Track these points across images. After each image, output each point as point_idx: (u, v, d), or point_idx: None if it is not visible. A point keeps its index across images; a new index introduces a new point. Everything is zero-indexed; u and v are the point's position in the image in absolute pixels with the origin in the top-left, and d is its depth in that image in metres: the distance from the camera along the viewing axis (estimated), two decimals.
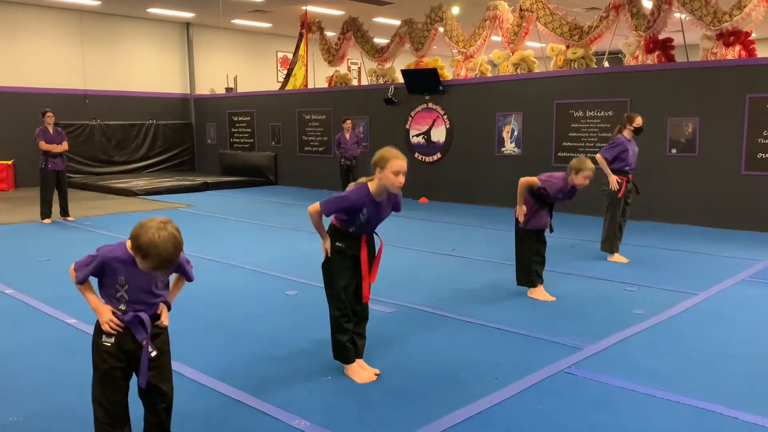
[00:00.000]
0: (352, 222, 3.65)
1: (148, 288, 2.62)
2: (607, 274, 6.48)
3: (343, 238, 3.73)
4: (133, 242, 2.47)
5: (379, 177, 3.53)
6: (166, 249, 2.44)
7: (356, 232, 3.71)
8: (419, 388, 3.68)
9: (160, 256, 2.43)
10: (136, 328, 2.60)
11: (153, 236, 2.42)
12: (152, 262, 2.46)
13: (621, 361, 4.09)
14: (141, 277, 2.58)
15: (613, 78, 10.44)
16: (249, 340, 4.52)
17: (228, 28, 18.88)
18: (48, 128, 9.90)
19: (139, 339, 2.60)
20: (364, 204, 3.57)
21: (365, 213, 3.60)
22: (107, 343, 2.59)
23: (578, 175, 5.37)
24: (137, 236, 2.45)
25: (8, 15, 15.18)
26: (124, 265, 2.56)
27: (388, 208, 3.71)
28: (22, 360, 4.12)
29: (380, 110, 13.51)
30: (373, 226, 3.76)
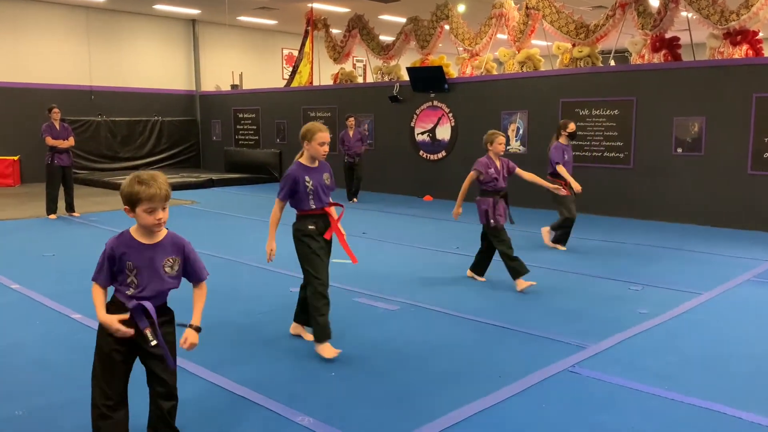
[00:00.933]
0: (305, 197, 4.12)
1: (156, 272, 2.64)
2: (611, 273, 6.47)
3: (312, 219, 4.15)
4: (124, 196, 2.58)
5: (307, 148, 4.18)
6: (149, 176, 2.56)
7: (317, 205, 4.14)
8: (423, 386, 3.68)
9: (146, 183, 2.54)
10: (139, 316, 2.62)
11: (133, 177, 2.58)
12: (145, 192, 2.53)
13: (624, 360, 4.09)
14: (150, 259, 2.63)
15: (619, 77, 10.41)
16: (252, 337, 4.53)
17: (234, 25, 18.89)
18: (54, 124, 9.94)
19: (141, 327, 2.63)
20: (300, 173, 4.12)
21: (308, 180, 4.11)
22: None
23: (493, 144, 5.98)
24: (123, 188, 2.59)
25: (15, 11, 15.23)
26: (130, 249, 2.62)
27: (324, 173, 4.22)
28: (27, 354, 4.15)
29: (385, 108, 13.50)
30: (326, 193, 4.20)
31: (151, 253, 2.63)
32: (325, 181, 4.23)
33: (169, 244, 2.69)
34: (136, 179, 2.56)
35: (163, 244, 2.67)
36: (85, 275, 3.94)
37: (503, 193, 6.01)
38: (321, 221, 4.19)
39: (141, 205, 2.55)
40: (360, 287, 5.85)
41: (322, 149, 4.14)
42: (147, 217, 2.58)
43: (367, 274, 6.45)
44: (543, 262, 6.94)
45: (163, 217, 2.61)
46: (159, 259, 2.65)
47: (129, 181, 2.58)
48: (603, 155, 10.46)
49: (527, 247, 7.89)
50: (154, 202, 2.55)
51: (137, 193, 2.54)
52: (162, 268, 2.65)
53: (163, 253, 2.66)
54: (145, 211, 2.57)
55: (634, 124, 10.09)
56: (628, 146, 10.18)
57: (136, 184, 2.54)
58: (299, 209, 4.19)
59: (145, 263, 2.62)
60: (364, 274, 6.45)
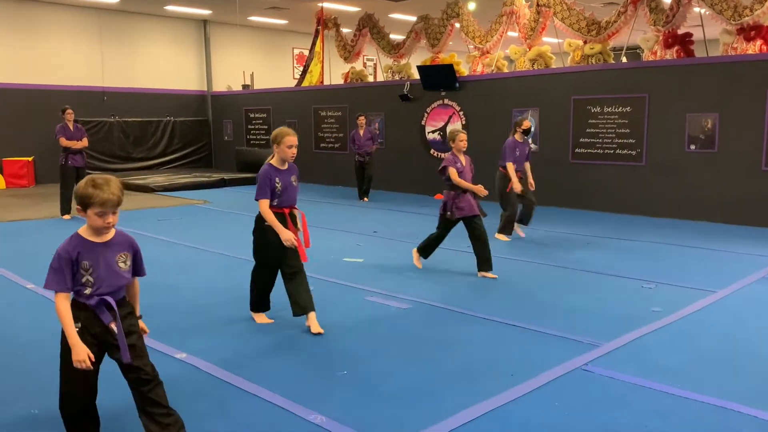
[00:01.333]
0: (275, 195, 4.51)
1: (111, 268, 2.75)
2: (624, 271, 6.44)
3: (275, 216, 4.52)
4: (78, 197, 2.69)
5: (277, 151, 4.56)
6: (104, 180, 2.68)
7: (281, 204, 4.55)
8: (435, 384, 3.69)
9: (100, 188, 2.65)
10: (102, 312, 2.72)
11: (88, 179, 2.70)
12: (98, 196, 2.63)
13: (638, 358, 4.07)
14: (102, 257, 2.73)
15: (631, 73, 10.34)
16: (265, 335, 4.55)
17: (244, 25, 18.95)
18: (68, 125, 10.02)
19: (105, 321, 2.72)
20: (271, 174, 4.51)
21: (278, 182, 4.50)
22: (75, 327, 2.68)
23: (455, 142, 6.29)
24: (77, 189, 2.70)
25: (28, 13, 15.37)
26: (84, 249, 2.71)
27: (292, 175, 4.62)
28: (42, 352, 4.19)
29: (396, 106, 13.50)
30: (292, 194, 4.61)
31: (104, 250, 2.75)
32: (293, 183, 4.64)
33: (119, 242, 2.82)
34: (91, 182, 2.66)
35: (115, 241, 2.79)
36: None
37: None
38: (283, 220, 4.54)
39: (93, 208, 2.66)
40: (371, 286, 5.86)
41: (291, 152, 4.53)
42: (97, 219, 2.68)
43: (378, 272, 6.46)
44: (555, 260, 6.92)
45: (113, 221, 2.72)
46: (112, 255, 2.77)
47: (84, 183, 2.69)
48: (615, 152, 10.40)
49: (534, 244, 7.87)
50: (106, 207, 2.65)
51: (90, 196, 2.64)
52: (116, 263, 2.77)
53: (116, 249, 2.78)
54: (96, 214, 2.67)
55: (646, 121, 10.03)
56: (640, 143, 10.12)
57: (91, 187, 2.65)
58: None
59: (100, 261, 2.72)
60: (375, 272, 6.46)
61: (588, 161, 10.77)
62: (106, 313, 2.73)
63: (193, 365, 3.96)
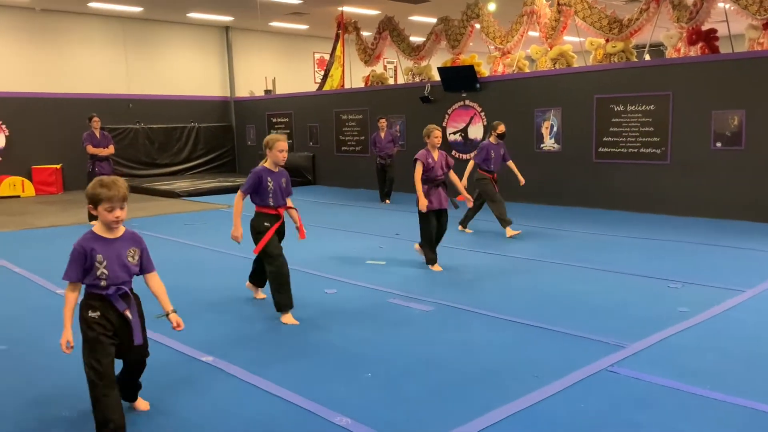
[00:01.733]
0: (266, 195, 4.92)
1: (122, 261, 3.06)
2: (649, 270, 6.37)
3: (267, 217, 4.98)
4: (88, 196, 3.01)
5: (270, 155, 4.99)
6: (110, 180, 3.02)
7: (274, 204, 4.96)
8: (459, 386, 3.69)
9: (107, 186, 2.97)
10: (116, 300, 3.05)
11: (96, 180, 3.02)
12: (107, 192, 2.96)
13: (665, 359, 4.03)
14: (114, 251, 3.04)
15: (655, 71, 10.23)
16: (290, 338, 4.59)
17: (266, 31, 19.12)
18: (95, 132, 10.19)
19: (120, 309, 3.06)
20: (263, 174, 4.92)
21: (270, 182, 4.91)
22: (94, 315, 3.02)
23: (430, 138, 6.50)
24: (88, 190, 3.03)
25: (55, 24, 15.68)
26: (97, 243, 3.02)
27: (282, 177, 5.04)
28: (74, 357, 4.26)
29: (417, 109, 13.51)
30: (282, 195, 5.01)
31: (115, 245, 3.06)
32: (283, 185, 5.04)
33: (129, 238, 3.13)
34: (99, 182, 3.00)
35: (124, 238, 3.11)
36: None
37: (439, 182, 6.57)
38: (275, 220, 5.01)
39: (103, 203, 2.97)
40: (394, 288, 5.87)
41: (281, 155, 4.97)
42: (107, 214, 2.99)
43: (400, 274, 6.47)
44: (578, 260, 6.87)
45: (121, 216, 3.02)
46: (123, 250, 3.08)
47: (93, 183, 3.02)
48: (639, 151, 10.29)
49: (558, 245, 7.82)
50: (113, 201, 2.97)
51: (99, 194, 2.97)
52: (126, 257, 3.08)
53: (126, 245, 3.10)
54: (106, 209, 2.98)
55: (670, 119, 9.91)
56: (664, 141, 10.00)
57: (99, 186, 2.99)
58: (259, 205, 4.99)
59: (112, 254, 3.03)
60: (397, 274, 6.47)
61: (612, 160, 10.67)
62: (120, 302, 3.06)
63: (219, 368, 4.00)
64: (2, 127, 14.97)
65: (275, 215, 5.00)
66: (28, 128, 15.20)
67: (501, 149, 8.55)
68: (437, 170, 6.51)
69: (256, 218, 5.01)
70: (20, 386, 3.77)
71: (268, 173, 4.96)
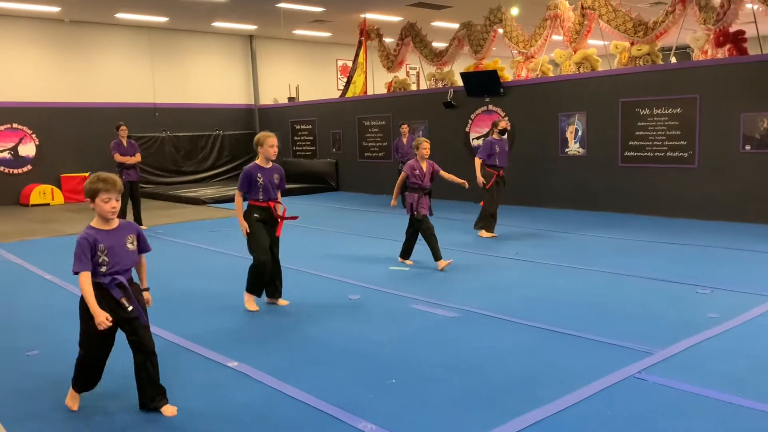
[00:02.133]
0: (258, 190, 5.30)
1: (123, 248, 3.37)
2: (677, 276, 6.27)
3: (258, 210, 5.35)
4: (87, 190, 3.33)
5: (261, 151, 5.33)
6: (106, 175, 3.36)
7: (263, 198, 5.33)
8: (483, 392, 3.66)
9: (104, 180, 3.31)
10: (113, 289, 3.33)
11: (94, 176, 3.34)
12: (104, 185, 3.29)
13: (694, 366, 3.96)
14: (114, 239, 3.36)
15: (681, 74, 10.09)
16: (314, 344, 4.60)
17: (289, 39, 19.28)
18: (122, 141, 10.36)
19: (116, 297, 3.33)
20: (254, 170, 5.30)
21: (259, 177, 5.29)
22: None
23: (419, 149, 6.99)
24: (86, 185, 3.35)
25: (84, 34, 15.99)
26: (99, 234, 3.33)
27: (275, 173, 5.39)
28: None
29: (440, 114, 13.50)
30: (273, 190, 5.39)
31: (114, 235, 3.38)
32: (275, 180, 5.40)
33: (125, 227, 3.46)
34: (96, 178, 3.33)
35: (121, 227, 3.43)
36: (152, 285, 4.07)
37: (427, 190, 7.04)
38: (265, 212, 5.37)
39: (101, 195, 3.30)
40: (418, 294, 5.86)
41: (272, 150, 5.29)
42: (104, 205, 3.31)
43: (424, 280, 6.46)
44: (605, 266, 6.79)
45: (116, 206, 3.35)
46: (122, 238, 3.40)
47: (91, 179, 3.34)
48: (666, 155, 10.15)
49: (584, 250, 7.73)
50: (111, 193, 3.30)
51: (97, 187, 3.30)
52: (126, 244, 3.40)
53: (124, 233, 3.42)
54: (103, 201, 3.30)
55: (698, 122, 9.76)
56: (692, 145, 9.85)
57: (97, 181, 3.32)
58: (250, 199, 5.35)
59: (112, 243, 3.34)
60: (422, 280, 6.46)
61: (638, 164, 10.54)
62: (116, 290, 3.34)
63: (244, 373, 4.03)
64: (32, 137, 15.29)
65: (266, 207, 5.38)
66: (57, 137, 15.51)
67: (506, 145, 8.76)
68: (425, 180, 7.00)
69: (248, 210, 5.40)
70: (50, 388, 3.83)
71: (258, 169, 5.33)
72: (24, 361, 4.41)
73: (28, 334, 4.97)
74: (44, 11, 14.58)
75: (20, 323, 5.24)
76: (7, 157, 14.99)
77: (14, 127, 15.06)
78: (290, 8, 15.22)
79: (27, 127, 15.21)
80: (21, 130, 15.15)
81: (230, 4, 14.63)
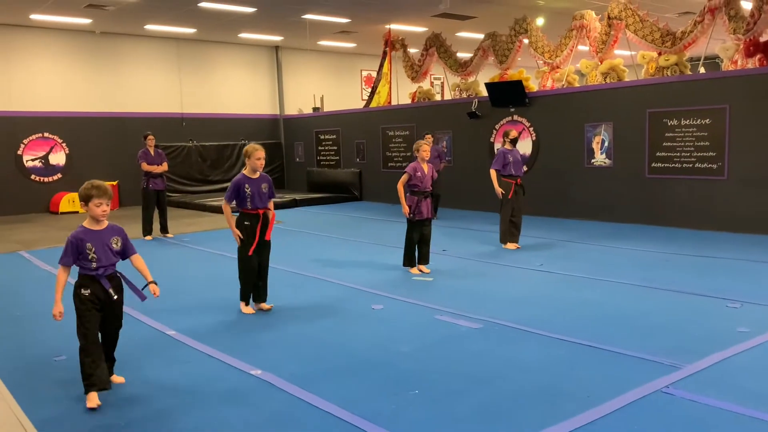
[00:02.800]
0: (246, 199, 5.56)
1: (106, 248, 3.85)
2: (706, 289, 6.16)
3: (247, 217, 5.63)
4: (81, 197, 3.82)
5: (249, 163, 5.61)
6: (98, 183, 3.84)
7: (253, 206, 5.59)
8: (507, 405, 3.62)
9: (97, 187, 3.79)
10: (103, 279, 3.84)
11: (88, 183, 3.83)
12: (96, 191, 3.78)
13: (724, 381, 3.87)
14: (100, 239, 3.83)
15: (710, 84, 9.95)
16: (336, 353, 4.60)
17: (314, 50, 19.43)
18: (149, 150, 10.51)
19: (106, 287, 3.85)
20: (242, 181, 5.57)
21: (248, 187, 5.56)
22: (85, 293, 3.81)
23: (419, 152, 7.15)
24: (81, 190, 3.83)
25: (114, 46, 16.30)
26: (87, 234, 3.81)
27: (263, 183, 5.64)
28: (129, 371, 4.38)
29: (464, 124, 13.48)
30: (262, 199, 5.63)
31: (101, 235, 3.85)
32: (263, 189, 5.65)
33: (111, 229, 3.92)
34: (90, 185, 3.81)
35: (108, 229, 3.90)
36: (178, 294, 4.10)
37: (428, 193, 7.18)
38: (254, 219, 5.63)
39: (93, 200, 3.78)
40: (441, 305, 5.83)
41: (259, 162, 5.59)
42: (96, 209, 3.80)
43: (448, 291, 6.43)
44: (632, 278, 6.70)
45: (107, 210, 3.83)
46: (107, 238, 3.87)
47: (85, 186, 3.82)
48: (694, 166, 10.00)
49: (610, 262, 7.63)
50: (102, 198, 3.80)
51: (91, 193, 3.79)
52: (110, 244, 3.87)
53: (109, 234, 3.89)
54: (95, 205, 3.79)
55: (727, 133, 9.60)
56: (721, 156, 9.70)
57: (91, 188, 3.80)
58: (240, 208, 5.63)
59: (98, 242, 3.82)
60: (445, 291, 6.43)
61: (665, 176, 10.40)
62: (106, 281, 3.85)
63: (267, 381, 4.04)
64: (63, 146, 15.60)
65: (255, 215, 5.64)
66: (86, 146, 15.80)
67: (518, 154, 8.82)
68: (426, 183, 7.14)
69: (239, 218, 5.69)
70: (75, 392, 3.89)
71: (246, 180, 5.60)
72: (51, 366, 4.48)
73: (56, 340, 5.04)
74: (76, 23, 14.90)
75: (49, 329, 5.32)
76: (38, 165, 15.31)
77: (45, 137, 15.39)
78: (316, 20, 15.36)
79: (57, 137, 15.53)
80: (52, 139, 15.47)
81: (257, 16, 14.81)
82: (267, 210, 5.70)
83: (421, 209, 7.11)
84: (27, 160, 15.16)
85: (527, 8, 13.94)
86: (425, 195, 7.13)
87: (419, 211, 7.11)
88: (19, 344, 5.07)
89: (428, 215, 7.23)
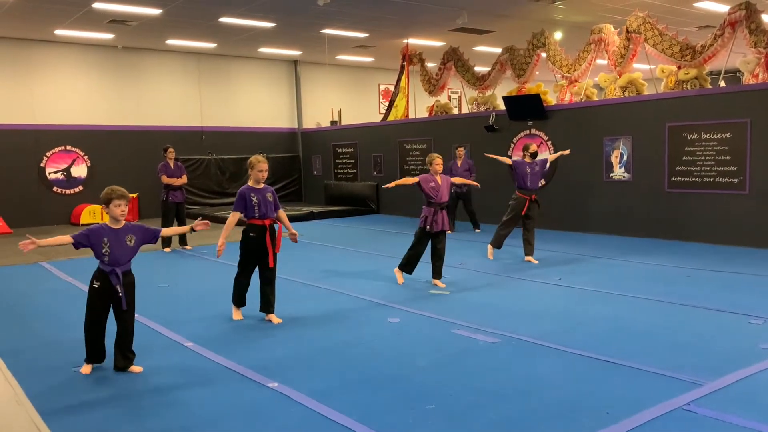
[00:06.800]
0: (254, 208, 5.73)
1: (122, 245, 4.44)
2: (728, 305, 6.07)
3: (254, 228, 5.77)
4: (103, 201, 4.45)
5: (252, 174, 5.82)
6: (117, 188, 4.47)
7: (260, 215, 5.75)
8: (525, 420, 3.59)
9: (116, 191, 4.44)
10: (112, 276, 4.40)
11: (108, 188, 4.46)
12: (116, 194, 4.41)
13: (746, 399, 3.80)
14: (117, 237, 4.42)
15: (730, 98, 9.86)
16: (353, 367, 4.59)
17: (333, 64, 19.57)
18: (169, 163, 10.62)
19: (114, 284, 4.42)
20: (247, 191, 5.76)
21: (254, 196, 5.74)
22: (96, 285, 4.45)
23: (432, 165, 7.13)
24: (103, 194, 4.46)
25: (135, 60, 16.55)
26: (105, 231, 4.43)
27: (267, 192, 5.83)
28: (146, 381, 4.40)
29: (481, 138, 13.46)
30: (268, 207, 5.78)
31: (118, 233, 4.46)
32: (269, 198, 5.81)
33: (128, 228, 4.51)
34: (110, 189, 4.43)
35: (125, 228, 4.50)
36: (196, 305, 4.11)
37: (444, 205, 7.16)
38: (260, 231, 5.77)
39: (113, 201, 4.41)
40: (459, 319, 5.80)
41: (261, 174, 5.76)
42: (116, 209, 4.43)
43: (465, 305, 6.40)
44: (652, 294, 6.62)
45: (125, 211, 4.45)
46: (123, 236, 4.47)
47: (106, 190, 4.44)
48: (714, 180, 9.90)
49: (631, 277, 7.55)
50: (122, 200, 4.44)
51: (111, 195, 4.41)
52: (125, 241, 4.46)
53: (125, 232, 4.49)
54: (115, 206, 4.42)
55: (748, 147, 9.50)
56: (742, 171, 9.58)
57: (111, 192, 4.42)
58: (247, 218, 5.79)
59: (115, 239, 4.42)
60: (462, 305, 6.40)
61: (685, 189, 10.30)
62: (114, 278, 4.42)
63: (284, 394, 4.04)
64: (85, 158, 15.82)
65: (261, 225, 5.77)
66: (108, 159, 16.01)
67: (536, 166, 8.76)
68: (442, 195, 7.10)
69: (245, 229, 5.84)
70: (94, 402, 3.91)
71: (251, 190, 5.79)
72: (71, 377, 4.52)
73: (76, 351, 5.08)
74: (99, 38, 15.16)
75: (69, 340, 5.37)
76: (61, 177, 15.53)
77: (67, 149, 15.62)
78: (334, 34, 15.48)
79: (80, 149, 15.75)
80: (74, 152, 15.69)
81: (276, 31, 14.97)
82: (273, 222, 5.84)
83: (437, 220, 7.11)
84: (49, 173, 15.39)
85: (545, 22, 13.95)
86: (441, 207, 7.13)
87: (435, 221, 7.10)
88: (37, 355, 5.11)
89: (443, 227, 7.19)
